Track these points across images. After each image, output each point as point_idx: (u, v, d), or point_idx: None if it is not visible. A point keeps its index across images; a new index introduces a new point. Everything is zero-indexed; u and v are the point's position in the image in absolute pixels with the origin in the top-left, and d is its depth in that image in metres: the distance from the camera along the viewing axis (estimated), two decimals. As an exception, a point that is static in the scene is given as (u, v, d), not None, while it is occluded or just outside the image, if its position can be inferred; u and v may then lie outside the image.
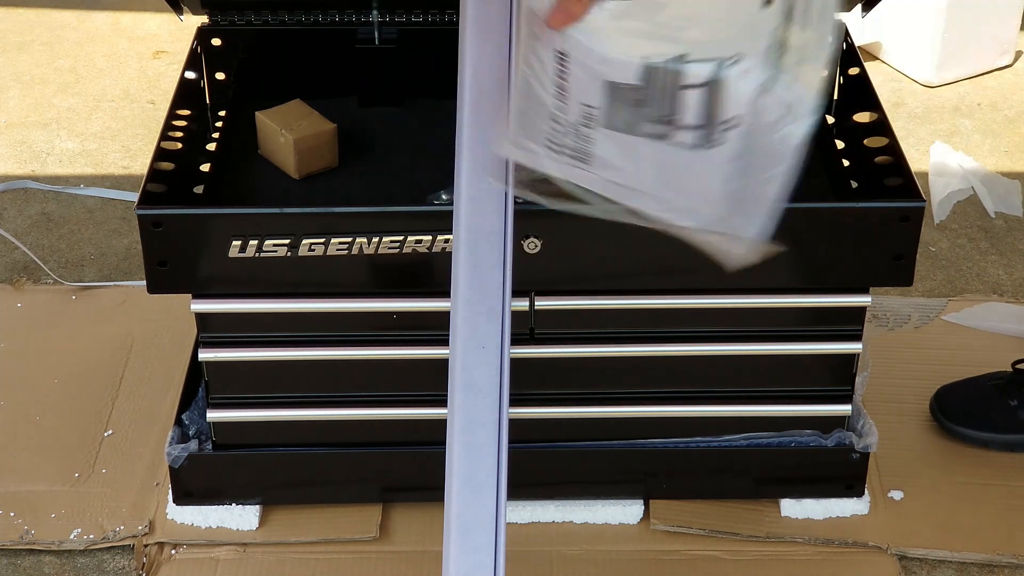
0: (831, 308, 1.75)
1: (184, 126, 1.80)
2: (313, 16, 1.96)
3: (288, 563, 1.84)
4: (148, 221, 1.61)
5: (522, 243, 1.62)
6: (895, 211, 1.64)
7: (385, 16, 1.95)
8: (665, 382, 1.81)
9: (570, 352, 1.77)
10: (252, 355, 1.76)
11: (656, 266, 1.68)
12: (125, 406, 2.10)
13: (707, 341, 1.77)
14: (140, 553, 1.86)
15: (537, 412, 1.81)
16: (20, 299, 2.36)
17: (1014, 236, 2.56)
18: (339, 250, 1.63)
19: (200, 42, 1.96)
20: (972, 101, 3.05)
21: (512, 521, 1.88)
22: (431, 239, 1.62)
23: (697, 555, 1.85)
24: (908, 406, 2.09)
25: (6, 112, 3.00)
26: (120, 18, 3.44)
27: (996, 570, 1.85)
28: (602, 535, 1.88)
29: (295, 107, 1.84)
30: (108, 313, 2.32)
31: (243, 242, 1.62)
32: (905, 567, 1.85)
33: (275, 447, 1.85)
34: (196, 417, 1.87)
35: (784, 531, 1.88)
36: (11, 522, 1.90)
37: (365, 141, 1.89)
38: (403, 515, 1.90)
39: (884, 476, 1.96)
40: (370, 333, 1.75)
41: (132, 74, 3.17)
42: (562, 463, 1.87)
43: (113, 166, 2.80)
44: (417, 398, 1.80)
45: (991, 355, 2.16)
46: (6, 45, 3.30)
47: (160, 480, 1.95)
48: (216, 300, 1.71)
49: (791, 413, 1.84)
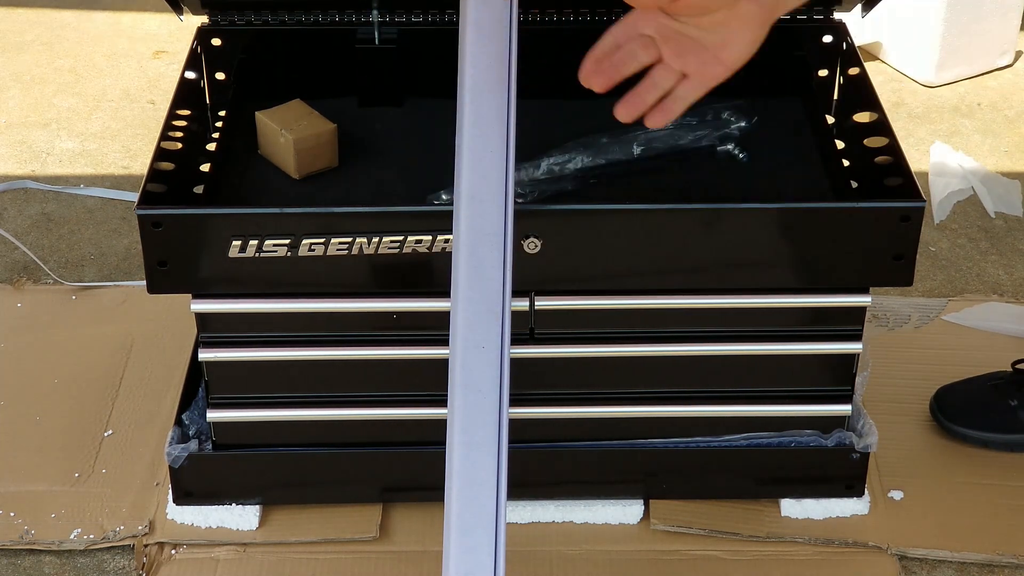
0: (831, 308, 1.75)
1: (184, 126, 1.80)
2: (313, 16, 1.96)
3: (288, 563, 1.84)
4: (148, 221, 1.61)
5: (522, 243, 1.62)
6: (895, 211, 1.64)
7: (385, 16, 1.95)
8: (665, 382, 1.81)
9: (570, 352, 1.77)
10: (252, 355, 1.76)
11: (656, 266, 1.68)
12: (125, 406, 2.10)
13: (707, 341, 1.77)
14: (140, 553, 1.86)
15: (537, 412, 1.81)
16: (20, 299, 2.36)
17: (1014, 236, 2.56)
18: (339, 250, 1.63)
19: (200, 42, 1.96)
20: (972, 101, 3.05)
21: (512, 521, 1.88)
22: (431, 239, 1.62)
23: (697, 555, 1.85)
24: (908, 406, 2.09)
25: (6, 112, 3.00)
26: (120, 18, 3.44)
27: (996, 570, 1.85)
28: (602, 535, 1.88)
29: (295, 107, 1.84)
30: (108, 313, 2.32)
31: (243, 242, 1.62)
32: (905, 567, 1.85)
33: (275, 447, 1.85)
34: (196, 417, 1.87)
35: (784, 531, 1.88)
36: (11, 522, 1.90)
37: (365, 141, 1.89)
38: (403, 515, 1.90)
39: (884, 476, 1.96)
40: (370, 333, 1.75)
41: (132, 74, 3.17)
42: (562, 463, 1.87)
43: (113, 166, 2.80)
44: (417, 398, 1.80)
45: (991, 355, 2.15)
46: (6, 45, 3.30)
47: (160, 480, 1.95)
48: (216, 300, 1.71)
49: (791, 413, 1.84)
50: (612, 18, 1.97)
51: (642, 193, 1.77)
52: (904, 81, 3.11)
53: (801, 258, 1.68)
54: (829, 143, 1.84)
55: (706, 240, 1.65)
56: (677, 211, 1.65)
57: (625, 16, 1.41)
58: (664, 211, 1.65)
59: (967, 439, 2.02)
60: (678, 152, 1.82)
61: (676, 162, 1.81)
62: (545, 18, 1.97)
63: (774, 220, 1.65)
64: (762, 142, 1.88)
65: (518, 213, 1.43)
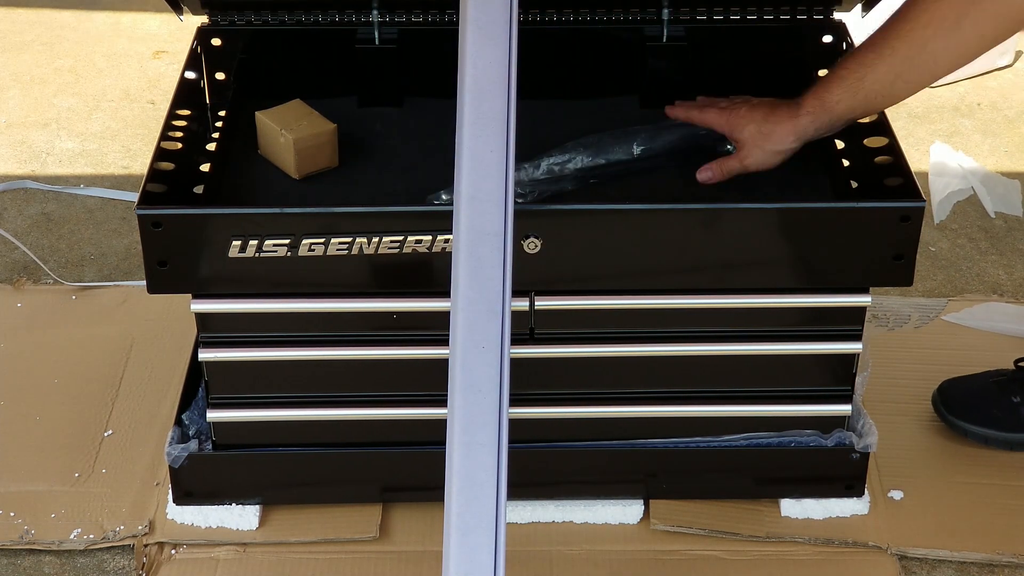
0: (831, 308, 1.75)
1: (184, 126, 1.80)
2: (313, 16, 1.96)
3: (288, 563, 1.84)
4: (148, 221, 1.61)
5: (522, 243, 1.62)
6: (895, 211, 1.64)
7: (385, 16, 1.95)
8: (665, 382, 1.81)
9: (570, 352, 1.77)
10: (252, 355, 1.76)
11: (656, 266, 1.68)
12: (125, 406, 2.10)
13: (707, 341, 1.77)
14: (140, 553, 1.86)
15: (537, 412, 1.81)
16: (20, 299, 2.36)
17: (1014, 236, 2.56)
18: (339, 250, 1.63)
19: (200, 42, 1.96)
20: (972, 101, 3.05)
21: (512, 521, 1.88)
22: (431, 239, 1.62)
23: (697, 555, 1.85)
24: (908, 406, 2.09)
25: (6, 112, 3.00)
26: (120, 18, 3.44)
27: (996, 570, 1.85)
28: (602, 535, 1.88)
29: (295, 107, 1.84)
30: (108, 313, 2.32)
31: (243, 242, 1.62)
32: (905, 567, 1.85)
33: (275, 447, 1.85)
34: (196, 417, 1.87)
35: (784, 531, 1.88)
36: (11, 522, 1.90)
37: (365, 141, 1.89)
38: (403, 515, 1.90)
39: (884, 476, 1.96)
40: (370, 333, 1.75)
41: (132, 74, 3.17)
42: (562, 463, 1.87)
43: (113, 166, 2.80)
44: (417, 398, 1.80)
45: (991, 355, 2.16)
46: (6, 45, 3.30)
47: (160, 480, 1.95)
48: (216, 300, 1.71)
49: (791, 413, 1.84)
50: (612, 18, 1.97)
51: (642, 193, 1.77)
52: (904, 81, 3.11)
53: (801, 258, 1.68)
54: (829, 143, 1.84)
55: (706, 240, 1.65)
56: (677, 211, 1.65)
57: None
58: (664, 211, 1.65)
59: (968, 434, 2.02)
60: (678, 152, 1.82)
61: (676, 162, 1.81)
62: (545, 18, 1.97)
63: (774, 220, 1.65)
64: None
65: (518, 213, 1.43)
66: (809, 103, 1.67)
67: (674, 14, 1.96)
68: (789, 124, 1.68)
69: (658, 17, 1.96)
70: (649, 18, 1.96)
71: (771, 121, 1.70)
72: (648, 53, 1.97)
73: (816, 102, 1.67)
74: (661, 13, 1.95)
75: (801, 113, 1.68)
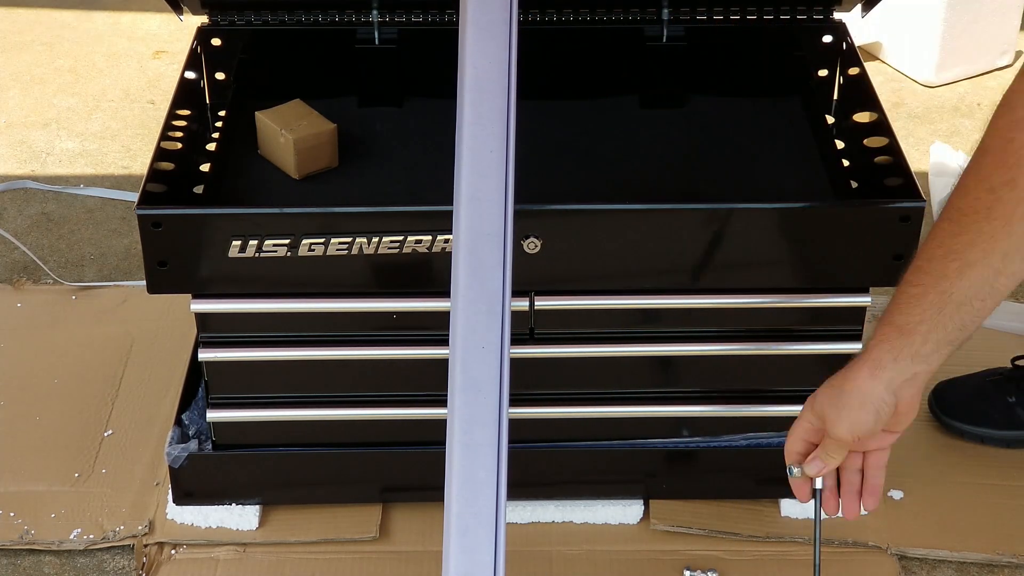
0: (831, 308, 1.75)
1: (184, 126, 1.80)
2: (313, 16, 1.96)
3: (288, 563, 1.84)
4: (148, 221, 1.61)
5: (522, 243, 1.62)
6: (895, 211, 1.64)
7: (385, 16, 1.95)
8: (665, 382, 1.81)
9: (570, 352, 1.77)
10: (252, 355, 1.76)
11: (656, 266, 1.68)
12: (125, 406, 2.10)
13: (707, 341, 1.77)
14: (140, 553, 1.86)
15: (537, 412, 1.81)
16: (20, 299, 2.37)
17: (1014, 236, 2.56)
18: (339, 250, 1.63)
19: (200, 42, 1.96)
20: (972, 101, 3.05)
21: (512, 521, 1.88)
22: (431, 239, 1.62)
23: (697, 555, 1.85)
24: (908, 406, 2.09)
25: (6, 112, 3.00)
26: (120, 18, 3.44)
27: (996, 570, 1.85)
28: (602, 535, 1.88)
29: (295, 107, 1.84)
30: (108, 313, 2.32)
31: (243, 242, 1.62)
32: (905, 567, 1.85)
33: (275, 447, 1.85)
34: (196, 417, 1.87)
35: (784, 531, 1.88)
36: (11, 522, 1.90)
37: (365, 141, 1.89)
38: (403, 515, 1.91)
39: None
40: (370, 333, 1.75)
41: (132, 74, 3.17)
42: (562, 463, 1.87)
43: (113, 166, 2.80)
44: (417, 398, 1.80)
45: (990, 353, 2.15)
46: (6, 45, 3.30)
47: (160, 480, 1.95)
48: (216, 300, 1.71)
49: (791, 413, 1.82)
50: (612, 18, 1.97)
51: (642, 193, 1.77)
52: (904, 81, 3.11)
53: (801, 258, 1.68)
54: (829, 143, 1.84)
55: (706, 240, 1.65)
56: (677, 211, 1.65)
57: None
58: (664, 211, 1.65)
59: (964, 435, 2.02)
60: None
61: (676, 161, 1.81)
62: (545, 18, 1.97)
63: (774, 220, 1.65)
64: (762, 142, 1.88)
65: (518, 213, 1.43)
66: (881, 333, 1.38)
67: (674, 14, 1.96)
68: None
69: (658, 17, 1.96)
70: (649, 18, 1.96)
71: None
72: (648, 53, 1.97)
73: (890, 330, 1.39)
74: (661, 13, 1.95)
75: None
